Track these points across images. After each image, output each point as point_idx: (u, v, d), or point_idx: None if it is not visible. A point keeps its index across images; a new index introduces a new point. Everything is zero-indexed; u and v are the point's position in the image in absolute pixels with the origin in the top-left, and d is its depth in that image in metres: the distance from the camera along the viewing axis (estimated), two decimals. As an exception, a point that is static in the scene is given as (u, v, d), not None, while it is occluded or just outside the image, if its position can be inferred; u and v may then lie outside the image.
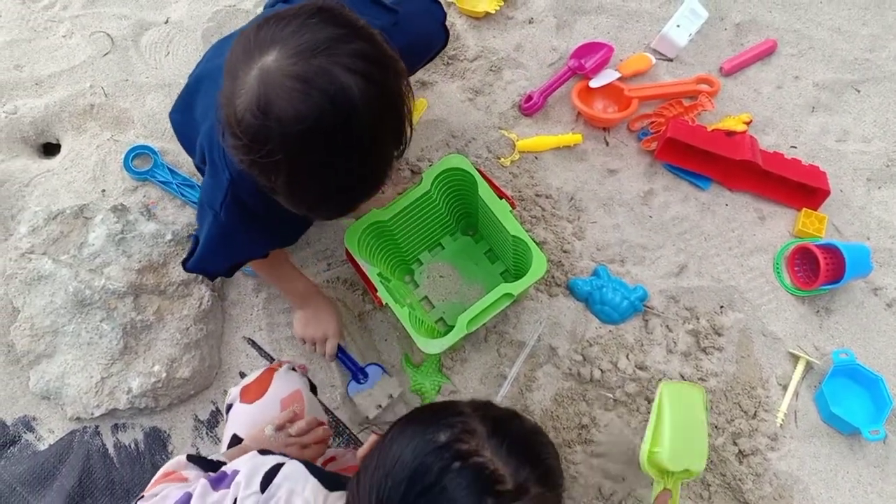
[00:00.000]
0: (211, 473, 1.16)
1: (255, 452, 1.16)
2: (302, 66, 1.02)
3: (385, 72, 1.09)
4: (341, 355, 1.77)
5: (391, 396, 1.75)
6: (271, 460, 1.12)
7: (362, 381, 1.76)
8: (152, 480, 1.20)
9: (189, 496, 1.07)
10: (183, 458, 1.23)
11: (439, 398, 1.76)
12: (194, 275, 1.73)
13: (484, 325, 1.59)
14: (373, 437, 1.05)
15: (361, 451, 1.08)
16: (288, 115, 1.02)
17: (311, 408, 1.47)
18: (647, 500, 1.67)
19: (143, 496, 1.13)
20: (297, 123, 1.03)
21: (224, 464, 1.23)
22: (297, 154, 1.06)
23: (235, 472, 1.11)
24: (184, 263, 1.51)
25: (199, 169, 1.50)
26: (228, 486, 1.09)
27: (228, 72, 1.08)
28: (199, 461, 1.23)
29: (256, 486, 1.07)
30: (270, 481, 1.08)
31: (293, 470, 1.10)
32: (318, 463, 1.40)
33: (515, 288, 1.54)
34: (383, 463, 0.93)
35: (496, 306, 1.55)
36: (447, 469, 0.87)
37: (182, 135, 1.59)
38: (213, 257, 1.51)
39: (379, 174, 1.17)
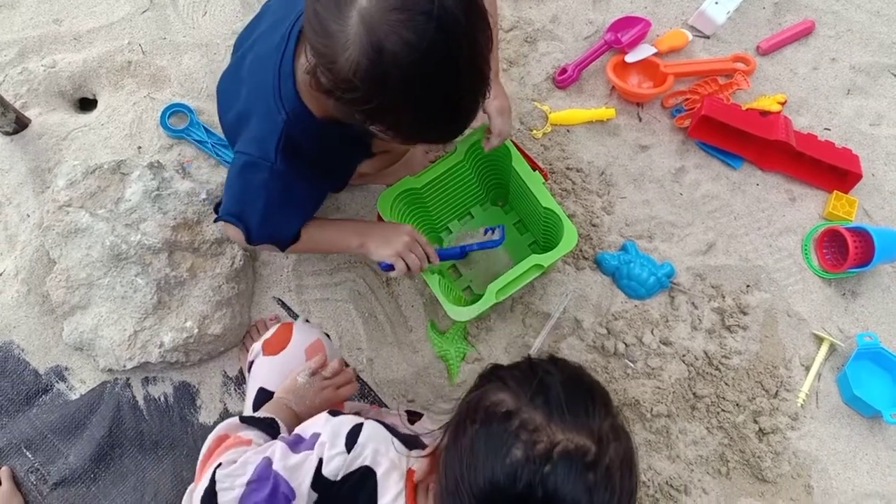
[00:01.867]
0: (285, 435, 1.17)
1: (326, 415, 1.16)
2: None
3: None
4: (440, 253, 1.65)
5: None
6: (349, 420, 1.13)
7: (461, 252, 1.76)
8: (208, 444, 1.18)
9: (269, 461, 1.08)
10: (236, 419, 1.23)
11: (465, 366, 1.77)
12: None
13: (511, 295, 1.60)
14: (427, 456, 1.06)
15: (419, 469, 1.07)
16: (401, 48, 1.03)
17: (333, 354, 1.48)
18: (666, 472, 1.69)
19: (220, 463, 1.10)
20: (413, 54, 1.03)
21: (275, 420, 1.25)
22: (418, 86, 1.08)
23: (316, 435, 1.11)
24: (248, 238, 1.45)
25: (226, 128, 1.51)
26: (310, 448, 1.10)
27: (319, 30, 1.08)
28: (253, 421, 1.23)
29: (342, 445, 1.08)
30: (355, 441, 1.09)
31: (375, 429, 1.12)
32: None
33: (546, 259, 1.55)
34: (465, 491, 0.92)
35: (525, 277, 1.56)
36: (546, 477, 0.86)
37: (225, 106, 1.57)
38: (281, 217, 1.47)
39: (485, 78, 1.17)
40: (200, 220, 1.74)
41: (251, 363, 1.47)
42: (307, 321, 1.53)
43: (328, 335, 1.58)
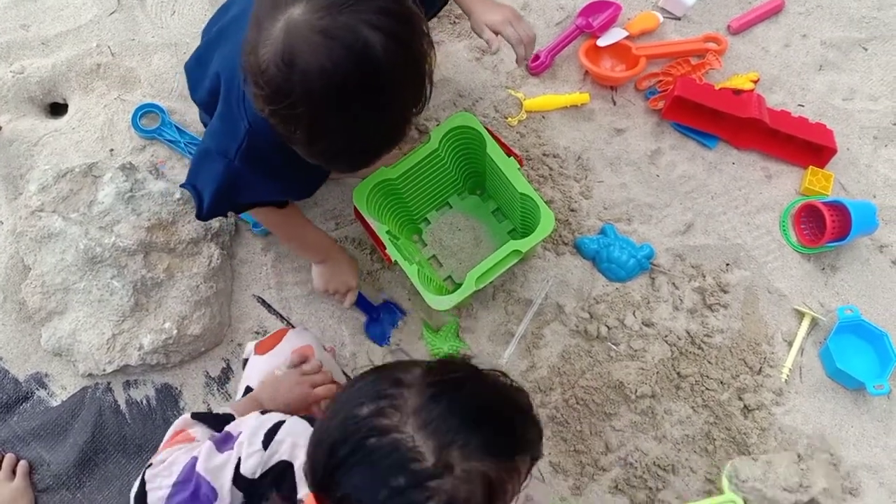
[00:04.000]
0: (216, 434, 1.18)
1: (257, 413, 1.17)
2: (328, 20, 1.03)
3: (408, 29, 1.10)
4: (360, 301, 1.80)
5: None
6: (273, 418, 1.14)
7: (379, 320, 1.80)
8: (164, 440, 1.22)
9: (195, 461, 1.10)
10: (188, 416, 1.25)
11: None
12: (203, 233, 1.73)
13: (492, 282, 1.60)
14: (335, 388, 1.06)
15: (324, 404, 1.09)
16: (312, 69, 1.03)
17: (327, 365, 1.49)
18: (652, 453, 1.69)
19: (151, 463, 1.14)
20: (321, 78, 1.04)
21: (231, 417, 1.25)
22: (319, 107, 1.07)
23: (240, 433, 1.13)
24: (198, 215, 1.49)
25: (200, 105, 1.51)
26: (233, 447, 1.11)
27: (254, 21, 1.09)
28: (204, 417, 1.25)
29: (259, 444, 1.09)
30: (272, 438, 1.10)
31: (295, 424, 1.13)
32: None
33: (524, 245, 1.55)
34: (320, 426, 0.93)
35: (504, 263, 1.56)
36: (362, 444, 0.85)
37: (193, 86, 1.58)
38: (231, 206, 1.51)
39: (398, 130, 1.18)
40: (175, 221, 1.73)
41: (244, 362, 1.50)
42: (306, 329, 1.55)
43: (331, 349, 1.61)
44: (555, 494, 1.68)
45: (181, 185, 1.53)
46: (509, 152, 1.61)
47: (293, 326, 1.78)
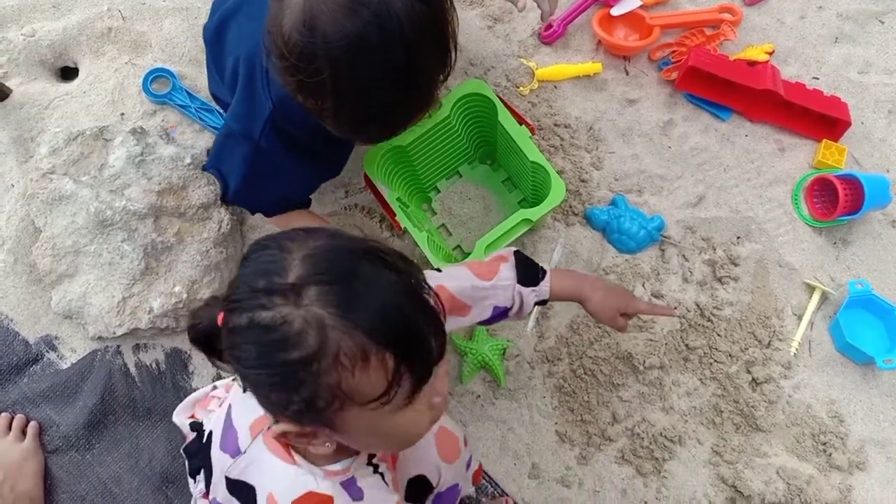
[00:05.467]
0: None
1: None
2: None
3: None
4: None
5: None
6: None
7: None
8: None
9: None
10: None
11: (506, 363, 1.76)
12: (213, 198, 1.73)
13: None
14: None
15: None
16: (333, 32, 1.03)
17: None
18: (659, 424, 1.69)
19: None
20: (343, 40, 1.03)
21: None
22: (343, 72, 1.07)
23: None
24: (223, 198, 1.50)
25: (214, 97, 1.51)
26: None
27: None
28: None
29: None
30: None
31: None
32: None
33: (534, 214, 1.54)
34: None
35: (514, 232, 1.55)
36: (252, 253, 0.88)
37: (212, 57, 1.57)
38: (258, 190, 1.51)
39: (425, 95, 1.18)
40: (186, 185, 1.72)
41: None
42: None
43: None
44: (561, 464, 1.69)
45: (204, 168, 1.52)
46: (521, 121, 1.61)
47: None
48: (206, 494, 1.16)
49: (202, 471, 1.18)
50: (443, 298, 1.16)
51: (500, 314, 1.32)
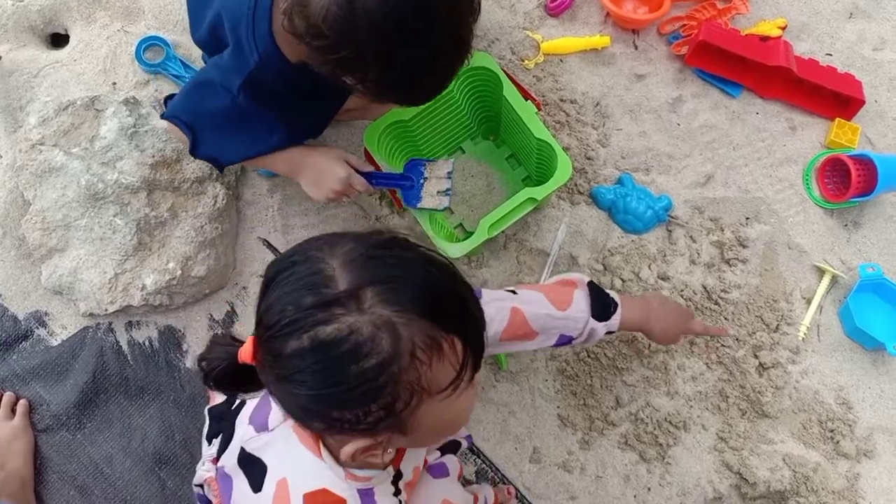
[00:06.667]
0: None
1: None
2: None
3: None
4: (376, 180, 1.57)
5: (449, 173, 1.58)
6: None
7: (412, 183, 1.58)
8: None
9: None
10: None
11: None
12: (208, 172, 1.68)
13: (504, 231, 1.57)
14: None
15: None
16: (373, 1, 1.01)
17: None
18: (664, 409, 1.66)
19: None
20: (386, 6, 1.01)
21: None
22: (390, 40, 1.05)
23: None
24: (192, 150, 1.45)
25: (200, 44, 1.46)
26: None
27: None
28: None
29: None
30: None
31: None
32: None
33: (539, 192, 1.50)
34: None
35: (518, 211, 1.52)
36: (290, 265, 0.84)
37: (194, 23, 1.52)
38: (230, 144, 1.46)
39: (467, 44, 1.15)
40: (180, 159, 1.67)
41: None
42: None
43: None
44: (563, 448, 1.66)
45: (164, 116, 1.46)
46: (526, 95, 1.56)
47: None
48: (216, 460, 1.16)
49: (220, 435, 1.19)
50: (517, 322, 1.25)
51: (564, 342, 1.33)
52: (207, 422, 1.31)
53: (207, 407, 1.31)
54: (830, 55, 1.88)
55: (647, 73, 1.87)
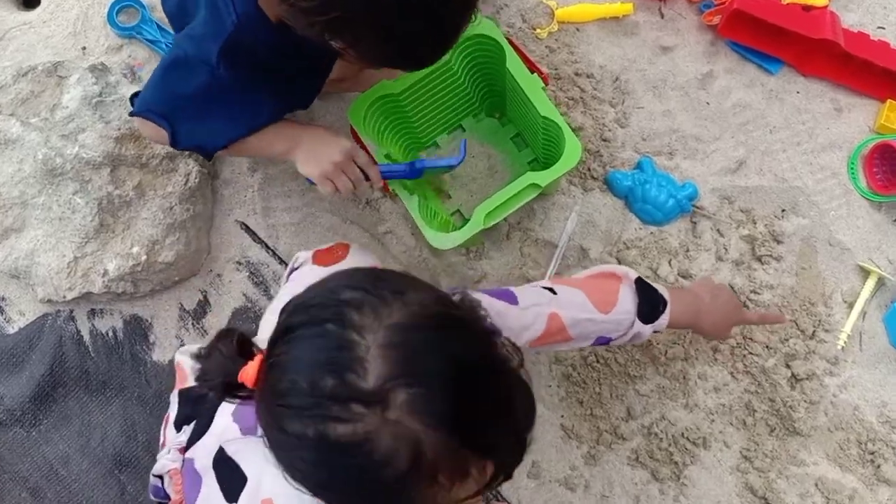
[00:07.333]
0: None
1: None
2: None
3: None
4: (382, 172, 1.37)
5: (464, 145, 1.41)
6: None
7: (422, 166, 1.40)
8: None
9: None
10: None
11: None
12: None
13: (505, 219, 1.44)
14: None
15: None
16: None
17: None
18: (681, 423, 1.51)
19: None
20: None
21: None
22: None
23: None
24: (172, 142, 1.30)
25: (169, 16, 1.33)
26: None
27: None
28: None
29: None
30: None
31: None
32: None
33: (543, 178, 1.35)
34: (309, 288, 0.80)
35: (519, 198, 1.37)
36: (320, 323, 0.71)
37: None
38: (215, 126, 1.32)
39: (468, 3, 1.03)
40: (149, 132, 1.53)
41: (292, 271, 1.35)
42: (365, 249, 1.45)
43: None
44: (565, 463, 1.52)
45: (133, 113, 1.31)
46: (533, 68, 1.41)
47: (281, 259, 1.60)
48: (185, 450, 1.08)
49: (194, 423, 1.10)
50: (553, 329, 1.15)
51: (602, 343, 1.24)
52: (176, 404, 1.20)
53: (178, 388, 1.21)
54: (883, 28, 1.70)
55: (674, 45, 1.70)
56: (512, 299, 1.14)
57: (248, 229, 1.63)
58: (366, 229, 1.63)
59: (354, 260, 1.32)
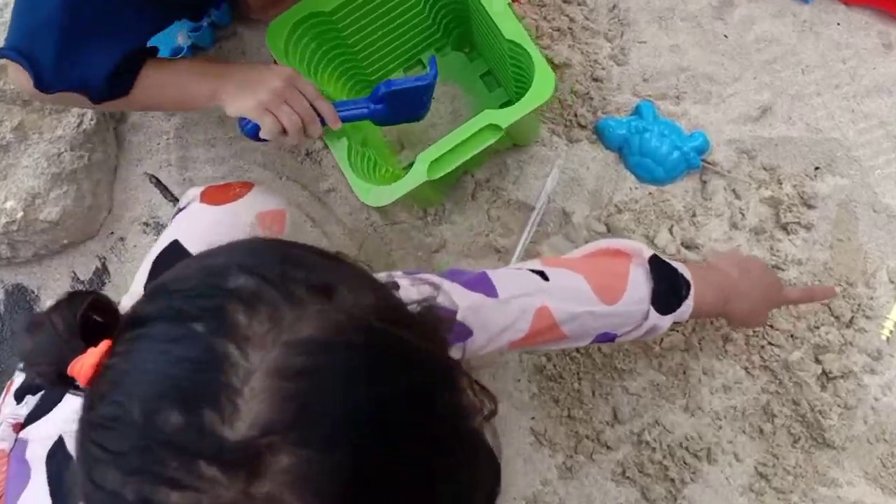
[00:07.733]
0: None
1: None
2: None
3: None
4: (340, 106, 1.14)
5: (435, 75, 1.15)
6: None
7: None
8: None
9: None
10: None
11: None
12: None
13: (472, 175, 1.29)
14: None
15: None
16: None
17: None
18: (680, 430, 1.27)
19: None
20: None
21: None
22: None
23: None
24: (39, 83, 1.06)
25: None
26: None
27: None
28: None
29: None
30: None
31: None
32: None
33: (504, 117, 1.11)
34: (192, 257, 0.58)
35: (474, 144, 1.13)
36: (186, 325, 0.48)
37: None
38: (88, 50, 1.07)
39: None
40: (35, 62, 1.30)
41: (178, 210, 1.16)
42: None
43: None
44: (536, 475, 1.30)
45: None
46: (501, -18, 1.17)
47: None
48: (21, 427, 0.91)
49: (39, 396, 0.92)
50: (542, 326, 0.95)
51: (606, 340, 1.04)
52: (24, 370, 1.01)
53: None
54: (946, -55, 1.44)
55: (685, -36, 1.47)
56: (489, 289, 0.92)
57: (159, 183, 1.42)
58: (305, 185, 1.42)
59: (257, 201, 1.11)
